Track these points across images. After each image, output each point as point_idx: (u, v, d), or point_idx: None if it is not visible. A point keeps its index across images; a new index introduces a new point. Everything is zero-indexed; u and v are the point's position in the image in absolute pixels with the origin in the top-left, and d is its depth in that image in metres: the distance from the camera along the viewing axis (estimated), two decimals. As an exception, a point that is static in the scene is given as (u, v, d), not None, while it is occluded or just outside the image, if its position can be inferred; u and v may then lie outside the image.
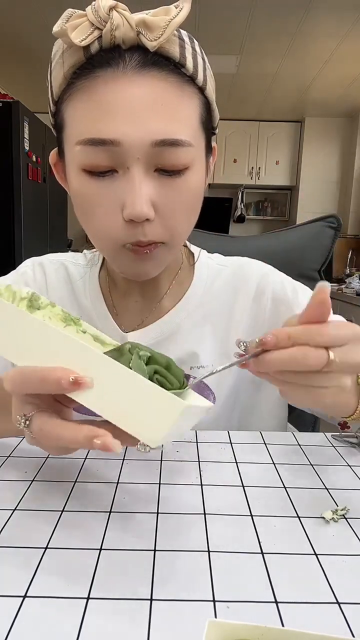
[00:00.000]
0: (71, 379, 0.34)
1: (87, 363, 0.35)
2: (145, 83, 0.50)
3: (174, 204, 0.53)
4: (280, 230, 1.06)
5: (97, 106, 0.50)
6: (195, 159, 0.54)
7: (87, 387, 0.35)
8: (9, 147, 2.71)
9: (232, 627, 0.26)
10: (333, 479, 0.50)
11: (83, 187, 0.53)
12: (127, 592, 0.34)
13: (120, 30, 0.48)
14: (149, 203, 0.51)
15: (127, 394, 0.35)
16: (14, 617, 0.31)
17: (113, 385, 0.35)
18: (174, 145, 0.51)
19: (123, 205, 0.52)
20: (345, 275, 4.21)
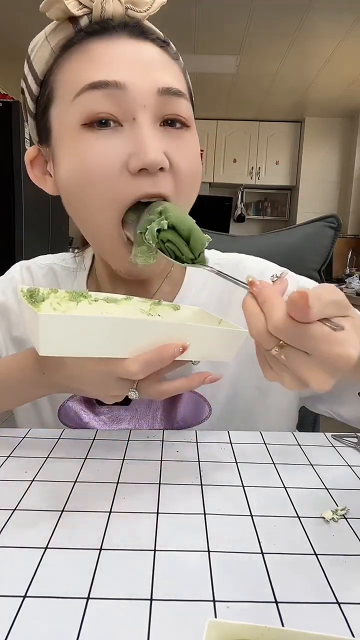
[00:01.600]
0: (180, 349, 0.43)
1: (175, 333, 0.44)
2: (140, 46, 0.50)
3: (184, 156, 0.51)
4: (280, 230, 1.06)
5: (96, 59, 0.49)
6: (193, 123, 0.54)
7: (187, 348, 0.44)
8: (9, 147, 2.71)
9: (232, 627, 0.26)
10: (333, 479, 0.50)
11: (83, 146, 0.49)
12: (127, 592, 0.34)
13: (110, 4, 0.49)
14: (162, 151, 0.49)
15: (204, 340, 0.46)
16: (14, 617, 0.31)
17: (196, 340, 0.45)
18: (178, 95, 0.50)
19: (129, 157, 0.48)
20: (345, 275, 4.21)
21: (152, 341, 0.43)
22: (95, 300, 0.55)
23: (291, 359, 0.35)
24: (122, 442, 0.57)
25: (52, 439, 0.58)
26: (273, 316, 0.34)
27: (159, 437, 0.59)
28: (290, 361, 0.35)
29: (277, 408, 0.68)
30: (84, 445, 0.56)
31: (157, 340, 0.43)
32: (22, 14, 2.91)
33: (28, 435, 0.58)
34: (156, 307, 0.57)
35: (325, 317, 0.33)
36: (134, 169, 0.48)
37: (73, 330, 0.41)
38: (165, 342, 0.43)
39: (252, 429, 0.66)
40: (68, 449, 0.55)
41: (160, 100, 0.49)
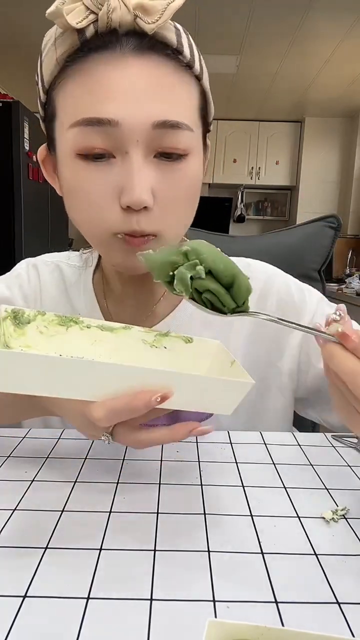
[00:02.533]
0: (158, 399, 0.37)
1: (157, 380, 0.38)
2: (143, 66, 0.48)
3: (173, 192, 0.51)
4: (280, 230, 1.06)
5: (94, 87, 0.48)
6: (194, 147, 0.52)
7: (170, 397, 0.38)
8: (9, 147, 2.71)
9: (232, 627, 0.26)
10: (333, 479, 0.50)
11: (77, 175, 0.50)
12: (127, 592, 0.34)
13: (117, 13, 0.46)
14: (149, 190, 0.49)
15: (198, 390, 0.40)
16: (14, 617, 0.31)
17: (185, 387, 0.39)
18: (175, 127, 0.49)
19: (120, 192, 0.49)
20: (345, 275, 4.21)
21: (126, 385, 0.38)
22: (88, 327, 0.50)
23: None
24: (122, 442, 0.57)
25: (52, 439, 0.58)
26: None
27: (159, 437, 0.59)
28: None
29: (275, 409, 0.69)
30: (84, 445, 0.56)
31: (134, 385, 0.38)
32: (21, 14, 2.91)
33: (28, 435, 0.58)
34: (162, 338, 0.51)
35: None
36: (123, 205, 0.49)
37: (31, 367, 0.37)
38: (143, 387, 0.38)
39: (252, 428, 0.66)
40: (68, 449, 0.55)
41: (154, 134, 0.48)
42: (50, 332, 0.49)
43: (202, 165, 0.56)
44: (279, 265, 0.73)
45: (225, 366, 0.47)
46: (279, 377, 0.68)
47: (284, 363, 0.67)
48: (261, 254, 0.79)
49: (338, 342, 0.36)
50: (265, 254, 0.81)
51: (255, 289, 0.68)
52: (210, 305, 0.41)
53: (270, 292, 0.68)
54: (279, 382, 0.68)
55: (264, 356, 0.68)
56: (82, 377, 0.38)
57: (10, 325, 0.47)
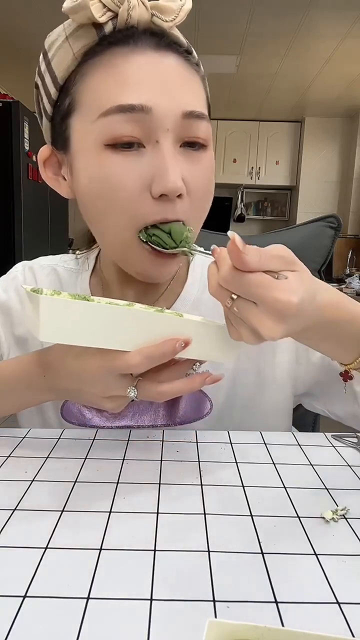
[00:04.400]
0: (182, 344, 0.44)
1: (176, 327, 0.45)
2: (164, 60, 0.50)
3: (199, 180, 0.53)
4: (280, 230, 1.06)
5: (121, 77, 0.48)
6: (210, 139, 0.55)
7: (190, 344, 0.44)
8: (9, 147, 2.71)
9: (232, 627, 0.26)
10: (333, 479, 0.50)
11: (105, 165, 0.50)
12: (127, 592, 0.34)
13: (136, 11, 0.48)
14: (181, 177, 0.50)
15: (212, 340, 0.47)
16: (14, 617, 0.31)
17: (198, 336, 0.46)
18: (200, 118, 0.51)
19: (151, 181, 0.49)
20: (345, 275, 4.21)
21: (153, 336, 0.44)
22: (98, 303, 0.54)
23: (242, 310, 0.39)
24: (122, 442, 0.57)
25: (52, 439, 0.58)
26: (221, 269, 0.39)
27: (159, 437, 0.59)
28: (242, 312, 0.40)
29: (273, 405, 0.70)
30: (84, 445, 0.56)
31: (158, 335, 0.44)
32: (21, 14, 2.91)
33: (28, 435, 0.59)
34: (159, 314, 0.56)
35: (270, 269, 0.38)
36: (156, 194, 0.49)
37: (73, 316, 0.41)
38: (168, 337, 0.44)
39: (250, 425, 0.67)
40: (68, 449, 0.55)
41: (183, 124, 0.50)
42: None
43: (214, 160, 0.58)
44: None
45: None
46: (276, 373, 0.68)
47: (279, 356, 0.68)
48: (261, 254, 0.79)
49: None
50: (265, 254, 0.80)
51: None
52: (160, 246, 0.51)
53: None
54: (276, 375, 0.68)
55: (259, 350, 0.68)
56: (120, 325, 0.43)
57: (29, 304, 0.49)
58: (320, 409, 0.71)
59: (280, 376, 0.68)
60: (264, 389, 0.69)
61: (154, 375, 0.46)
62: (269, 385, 0.69)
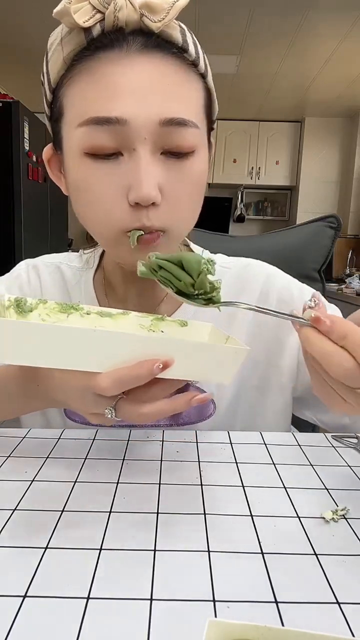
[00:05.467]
0: (160, 365, 0.39)
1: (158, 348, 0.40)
2: (149, 64, 0.49)
3: (179, 188, 0.52)
4: (280, 230, 1.06)
5: (101, 86, 0.48)
6: (200, 144, 0.53)
7: (171, 365, 0.39)
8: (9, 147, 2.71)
9: (232, 627, 0.26)
10: (333, 479, 0.50)
11: (85, 173, 0.51)
12: (127, 592, 0.34)
13: (123, 12, 0.47)
14: (156, 186, 0.49)
15: (197, 358, 0.41)
16: (14, 617, 0.31)
17: (184, 355, 0.40)
18: (181, 125, 0.49)
19: (128, 188, 0.49)
20: (345, 275, 4.21)
21: (130, 356, 0.39)
22: (88, 313, 0.51)
23: None
24: (122, 442, 0.57)
25: (52, 439, 0.58)
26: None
27: (159, 437, 0.59)
28: None
29: (275, 408, 0.70)
30: (84, 445, 0.56)
31: (138, 354, 0.39)
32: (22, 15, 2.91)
33: (28, 435, 0.59)
34: (159, 322, 0.52)
35: None
36: (131, 202, 0.50)
37: (33, 338, 0.38)
38: (146, 357, 0.39)
39: (251, 427, 0.66)
40: (68, 449, 0.55)
41: (162, 132, 0.49)
42: (52, 319, 0.50)
43: (207, 163, 0.56)
44: (279, 265, 0.73)
45: (221, 342, 0.48)
46: (280, 375, 0.68)
47: (284, 362, 0.68)
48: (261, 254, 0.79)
49: (312, 326, 0.37)
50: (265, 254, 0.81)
51: (256, 288, 0.69)
52: (175, 289, 0.44)
53: (270, 291, 0.68)
54: (279, 381, 0.68)
55: (264, 355, 0.68)
56: (86, 346, 0.39)
57: (14, 314, 0.48)
58: (310, 417, 0.71)
59: (284, 380, 0.68)
60: (266, 394, 0.69)
61: (135, 394, 0.42)
62: (273, 390, 0.68)
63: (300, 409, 0.72)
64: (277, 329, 0.67)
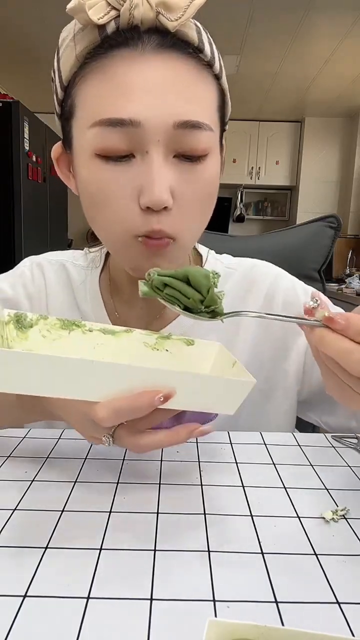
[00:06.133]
0: (161, 398, 0.38)
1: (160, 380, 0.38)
2: (164, 64, 0.47)
3: (192, 192, 0.51)
4: (280, 230, 1.06)
5: (115, 86, 0.47)
6: (214, 147, 0.52)
7: (173, 396, 0.38)
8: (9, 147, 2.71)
9: (232, 626, 0.26)
10: (333, 479, 0.50)
11: (96, 174, 0.50)
12: (127, 592, 0.34)
13: (139, 10, 0.46)
14: (168, 190, 0.48)
15: (200, 390, 0.40)
16: (14, 617, 0.31)
17: (188, 387, 0.39)
18: (195, 127, 0.48)
19: (140, 192, 0.49)
20: (345, 275, 4.20)
21: (130, 386, 0.38)
22: (90, 330, 0.50)
23: None
24: (122, 442, 0.57)
25: (52, 439, 0.58)
26: None
27: (159, 437, 0.59)
28: None
29: (279, 411, 0.69)
30: (84, 446, 0.56)
31: (136, 385, 0.38)
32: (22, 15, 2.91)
33: (28, 435, 0.58)
34: (164, 341, 0.51)
35: None
36: (143, 206, 0.49)
37: (25, 368, 0.37)
38: (146, 388, 0.38)
39: (255, 430, 0.66)
40: (68, 449, 0.55)
41: (175, 134, 0.48)
42: (52, 335, 0.49)
43: (219, 167, 0.56)
44: (278, 265, 0.73)
45: (226, 367, 0.47)
46: (285, 378, 0.68)
47: (290, 365, 0.67)
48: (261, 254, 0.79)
49: (325, 326, 0.36)
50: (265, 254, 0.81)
51: (262, 289, 0.68)
52: (182, 306, 0.42)
53: (276, 293, 0.68)
54: (284, 383, 0.68)
55: (270, 358, 0.67)
56: (84, 377, 0.38)
57: (13, 330, 0.47)
58: (315, 419, 0.70)
59: (289, 383, 0.68)
60: (272, 397, 0.68)
61: (134, 424, 0.41)
62: (277, 393, 0.68)
63: (305, 411, 0.71)
64: (282, 331, 0.67)
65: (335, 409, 0.66)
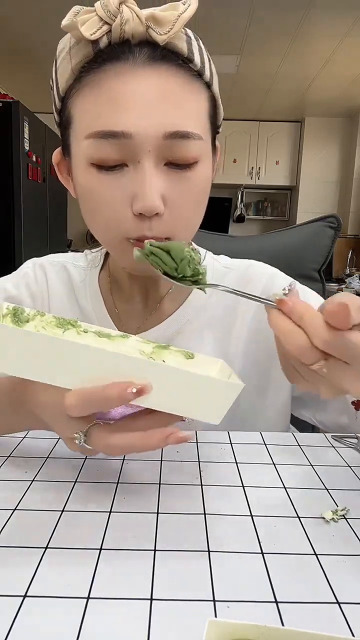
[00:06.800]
0: (134, 390, 0.36)
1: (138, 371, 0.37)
2: (154, 76, 0.50)
3: (183, 198, 0.53)
4: (280, 230, 1.06)
5: (107, 99, 0.50)
6: (204, 153, 0.54)
7: (148, 392, 0.36)
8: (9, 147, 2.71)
9: (232, 626, 0.26)
10: (333, 479, 0.50)
11: (91, 182, 0.53)
12: (127, 592, 0.34)
13: (129, 25, 0.48)
14: (160, 197, 0.51)
15: (183, 389, 0.38)
16: (14, 617, 0.31)
17: (168, 384, 0.37)
18: (185, 137, 0.51)
19: (133, 199, 0.51)
20: (345, 275, 4.21)
21: (103, 373, 0.36)
22: (85, 331, 0.49)
23: (332, 370, 0.36)
24: (122, 442, 0.57)
25: (52, 439, 0.58)
26: (319, 331, 0.35)
27: (159, 437, 0.59)
28: (332, 372, 0.36)
29: (274, 407, 0.70)
30: (84, 445, 0.56)
31: (120, 376, 0.36)
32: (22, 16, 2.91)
33: (28, 435, 0.58)
34: (161, 351, 0.49)
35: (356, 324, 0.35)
36: (135, 212, 0.51)
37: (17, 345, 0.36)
38: (121, 377, 0.36)
39: (251, 427, 0.67)
40: (68, 449, 0.55)
41: (165, 144, 0.50)
42: (47, 333, 0.48)
43: (211, 169, 0.58)
44: (279, 265, 0.74)
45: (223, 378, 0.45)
46: (279, 374, 0.68)
47: None
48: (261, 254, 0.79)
49: (278, 308, 0.38)
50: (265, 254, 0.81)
51: (258, 287, 0.70)
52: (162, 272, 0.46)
53: (272, 291, 0.68)
54: (278, 379, 0.69)
55: (264, 353, 0.68)
56: (56, 358, 0.37)
57: (10, 323, 0.47)
58: (308, 417, 0.71)
59: (282, 380, 0.68)
60: (266, 393, 0.69)
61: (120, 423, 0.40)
62: (272, 389, 0.69)
63: (298, 408, 0.72)
64: None
65: (326, 406, 0.67)
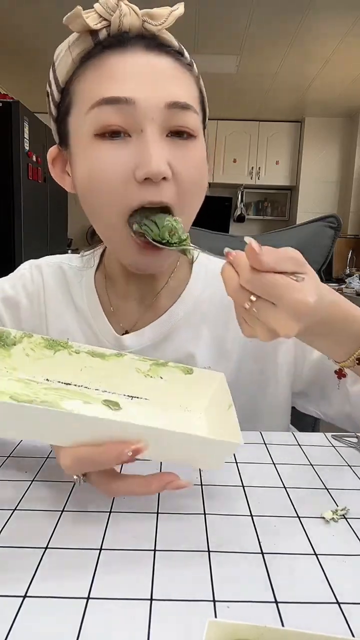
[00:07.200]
0: (129, 453, 0.37)
1: (135, 436, 0.37)
2: (152, 58, 0.53)
3: (186, 168, 0.54)
4: (280, 230, 1.06)
5: (110, 73, 0.52)
6: (200, 131, 0.56)
7: (144, 451, 0.37)
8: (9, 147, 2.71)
9: (232, 627, 0.26)
10: (333, 479, 0.50)
11: (94, 154, 0.53)
12: (127, 592, 0.34)
13: (127, 18, 0.52)
14: (166, 162, 0.52)
15: (180, 447, 0.39)
16: (14, 617, 0.31)
17: (165, 444, 0.38)
18: (185, 108, 0.53)
19: (136, 166, 0.52)
20: (345, 275, 4.21)
21: (97, 435, 0.36)
22: (77, 352, 0.48)
23: (261, 310, 0.41)
24: (122, 442, 0.57)
25: (52, 439, 0.57)
26: (243, 271, 0.40)
27: (159, 437, 0.58)
28: (260, 312, 0.41)
29: (274, 403, 0.70)
30: (84, 445, 0.56)
31: (104, 435, 0.37)
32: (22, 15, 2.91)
33: (28, 435, 0.58)
34: (159, 368, 0.48)
35: (285, 270, 0.40)
36: (140, 178, 0.52)
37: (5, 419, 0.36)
38: (114, 438, 0.36)
39: (252, 424, 0.67)
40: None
41: (167, 114, 0.52)
42: (36, 355, 0.48)
43: (205, 155, 0.59)
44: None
45: (221, 409, 0.46)
46: (277, 369, 0.69)
47: (280, 355, 0.68)
48: (261, 254, 0.79)
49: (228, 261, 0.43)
50: (265, 254, 0.80)
51: None
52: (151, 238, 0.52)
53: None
54: (276, 375, 0.69)
55: (261, 349, 0.68)
56: (49, 424, 0.36)
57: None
58: (313, 410, 0.71)
59: (280, 376, 0.69)
60: (265, 388, 0.70)
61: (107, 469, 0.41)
62: (271, 385, 0.69)
63: (303, 404, 0.72)
64: None
65: (330, 396, 0.67)
